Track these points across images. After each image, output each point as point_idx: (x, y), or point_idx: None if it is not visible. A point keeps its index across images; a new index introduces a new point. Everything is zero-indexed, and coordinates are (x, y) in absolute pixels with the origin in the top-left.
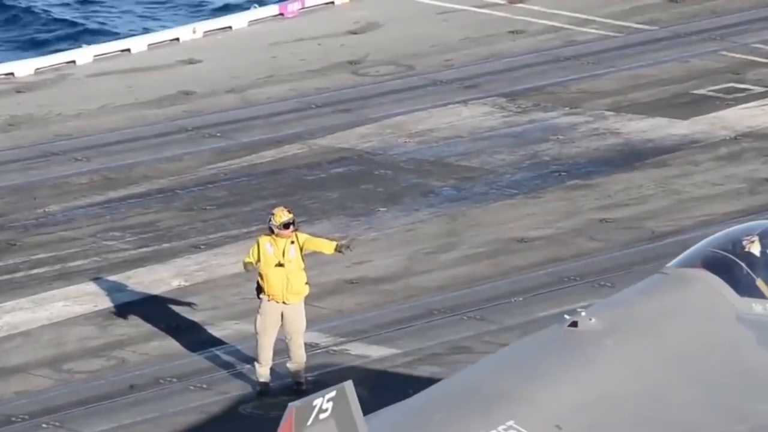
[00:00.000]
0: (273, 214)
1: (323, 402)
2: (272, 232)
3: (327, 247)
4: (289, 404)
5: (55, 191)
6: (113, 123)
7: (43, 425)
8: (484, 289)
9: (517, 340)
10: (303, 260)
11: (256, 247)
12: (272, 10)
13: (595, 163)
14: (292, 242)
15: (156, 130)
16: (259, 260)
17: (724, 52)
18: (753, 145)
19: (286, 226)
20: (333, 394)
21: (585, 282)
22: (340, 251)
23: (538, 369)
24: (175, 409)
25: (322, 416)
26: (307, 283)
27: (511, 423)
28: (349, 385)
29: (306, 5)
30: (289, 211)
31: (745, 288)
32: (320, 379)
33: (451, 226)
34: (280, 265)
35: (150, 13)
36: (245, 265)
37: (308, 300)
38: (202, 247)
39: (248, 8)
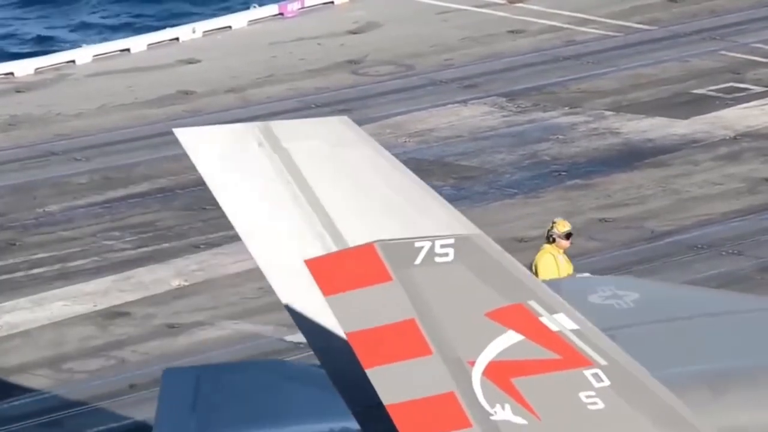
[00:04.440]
0: (555, 223)
1: (435, 247)
2: (554, 241)
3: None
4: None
5: (55, 191)
6: (113, 123)
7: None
8: None
9: None
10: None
11: (552, 261)
12: (272, 9)
13: (594, 163)
14: (564, 252)
15: (156, 130)
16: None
17: (724, 52)
18: (752, 144)
19: (568, 236)
20: (451, 241)
21: None
22: None
23: None
24: None
25: (441, 260)
26: None
27: None
28: (481, 236)
29: (306, 5)
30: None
31: None
32: None
33: None
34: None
35: None
36: None
37: None
38: (202, 246)
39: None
